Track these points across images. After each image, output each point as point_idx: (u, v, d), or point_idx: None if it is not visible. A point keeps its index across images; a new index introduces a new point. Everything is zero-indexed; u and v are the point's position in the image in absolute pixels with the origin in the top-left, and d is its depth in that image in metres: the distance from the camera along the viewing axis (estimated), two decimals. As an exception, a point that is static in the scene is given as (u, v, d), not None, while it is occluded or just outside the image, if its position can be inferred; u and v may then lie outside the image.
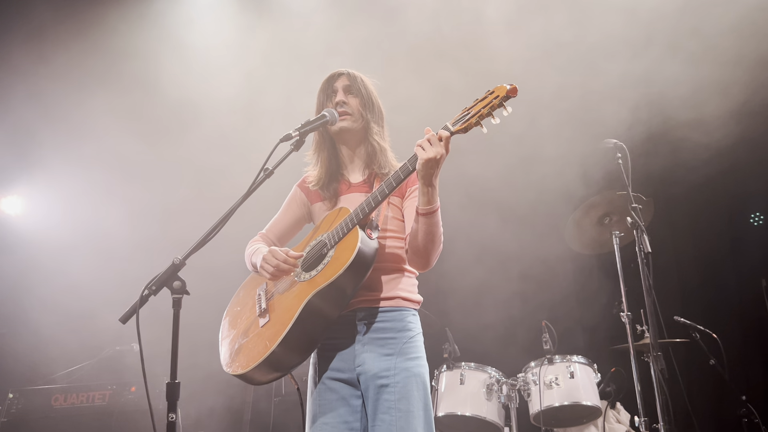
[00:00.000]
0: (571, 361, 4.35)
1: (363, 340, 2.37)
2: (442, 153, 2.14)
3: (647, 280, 4.02)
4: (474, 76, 5.00)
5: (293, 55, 5.55)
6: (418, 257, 2.34)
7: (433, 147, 2.14)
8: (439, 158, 2.14)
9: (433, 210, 2.23)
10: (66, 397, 4.52)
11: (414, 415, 2.27)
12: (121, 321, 2.09)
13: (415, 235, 2.30)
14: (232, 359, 2.38)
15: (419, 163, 2.16)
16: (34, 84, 5.55)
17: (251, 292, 2.56)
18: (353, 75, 2.59)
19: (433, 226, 2.26)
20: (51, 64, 5.51)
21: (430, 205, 2.23)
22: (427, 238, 2.27)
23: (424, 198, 2.22)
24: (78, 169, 5.53)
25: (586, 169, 5.12)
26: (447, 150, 2.15)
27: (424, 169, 2.16)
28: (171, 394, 1.99)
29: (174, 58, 5.66)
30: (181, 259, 2.10)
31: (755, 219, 5.64)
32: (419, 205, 2.24)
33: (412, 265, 2.43)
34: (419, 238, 2.28)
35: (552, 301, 5.52)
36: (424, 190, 2.20)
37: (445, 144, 2.15)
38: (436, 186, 2.21)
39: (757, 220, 5.63)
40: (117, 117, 5.49)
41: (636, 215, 4.12)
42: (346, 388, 2.37)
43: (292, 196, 2.72)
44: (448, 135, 2.15)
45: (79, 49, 5.55)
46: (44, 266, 5.25)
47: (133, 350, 4.97)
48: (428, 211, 2.23)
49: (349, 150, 2.61)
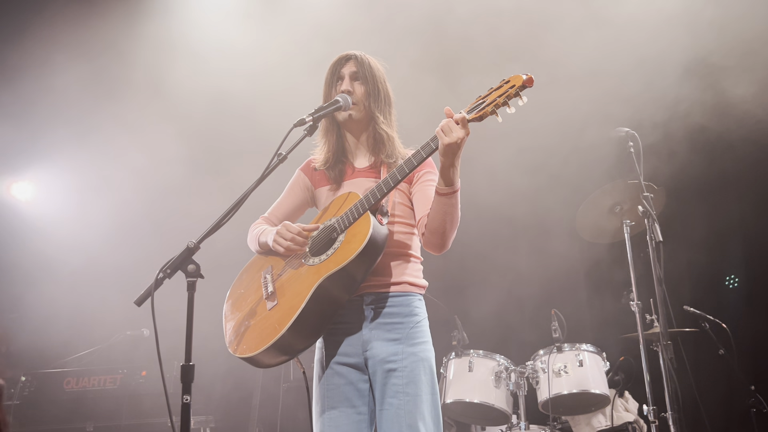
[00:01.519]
0: (580, 349, 4.36)
1: (370, 325, 2.38)
2: (463, 136, 2.15)
3: (658, 269, 4.01)
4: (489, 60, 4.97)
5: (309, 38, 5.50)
6: (435, 238, 2.35)
7: (454, 131, 2.14)
8: (460, 142, 2.15)
9: (454, 191, 2.25)
10: (78, 381, 4.57)
11: (422, 399, 2.30)
12: (136, 303, 2.11)
13: (435, 216, 2.30)
14: (239, 342, 2.38)
15: (441, 147, 2.16)
16: (47, 71, 5.56)
17: (255, 275, 2.55)
18: (361, 59, 2.56)
19: (453, 207, 2.27)
20: (64, 51, 5.51)
21: (451, 186, 2.24)
22: (446, 218, 2.29)
23: (446, 179, 2.22)
24: (89, 154, 5.55)
25: (596, 157, 5.10)
26: (467, 132, 2.16)
27: (447, 152, 2.16)
28: (186, 376, 2.00)
29: (184, 52, 5.64)
30: (195, 242, 2.11)
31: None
32: (440, 186, 2.25)
33: (428, 248, 2.43)
34: (438, 218, 2.30)
35: (562, 289, 5.51)
36: (446, 171, 2.21)
37: (463, 126, 2.15)
38: (458, 167, 2.22)
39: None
40: (128, 105, 5.49)
41: (647, 204, 4.11)
42: (354, 372, 2.39)
43: (294, 180, 2.71)
44: (465, 117, 2.15)
45: (91, 38, 5.56)
46: (56, 251, 5.28)
47: (144, 335, 5.01)
48: (449, 192, 2.24)
49: (354, 137, 2.61)
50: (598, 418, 4.58)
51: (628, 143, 4.28)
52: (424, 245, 2.45)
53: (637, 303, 4.18)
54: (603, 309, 5.51)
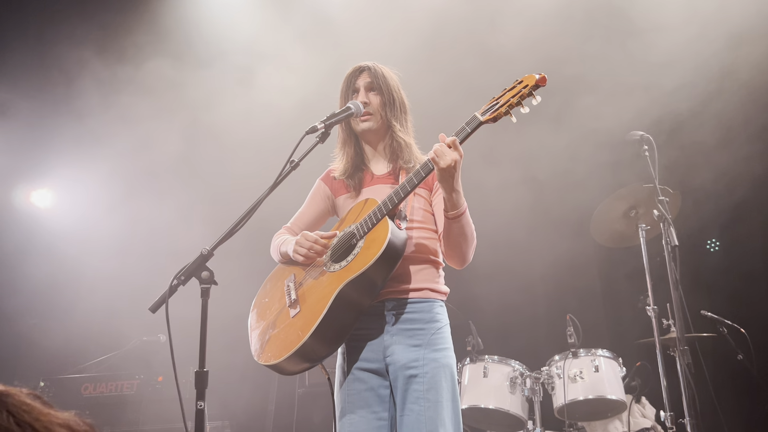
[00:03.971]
0: (595, 354, 4.33)
1: (392, 331, 2.39)
2: (457, 158, 2.15)
3: (674, 273, 3.97)
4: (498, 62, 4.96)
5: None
6: (455, 255, 2.38)
7: (447, 155, 2.14)
8: (454, 165, 2.15)
9: (460, 213, 2.26)
10: (95, 386, 4.61)
11: (442, 406, 2.30)
12: (150, 310, 2.13)
13: (448, 236, 2.33)
14: (263, 350, 2.40)
15: (438, 173, 2.18)
16: (65, 78, 5.63)
17: (279, 284, 2.58)
18: (375, 70, 2.59)
19: (465, 227, 2.29)
20: (83, 58, 5.58)
21: (457, 209, 2.25)
22: (460, 239, 2.31)
23: (449, 204, 2.24)
24: (107, 164, 5.61)
25: (611, 162, 5.07)
26: (460, 154, 2.16)
27: (443, 177, 2.17)
28: (200, 382, 2.02)
29: (203, 55, 5.70)
30: (209, 249, 2.13)
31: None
32: (446, 211, 2.26)
33: (449, 262, 2.45)
34: (452, 239, 2.32)
35: (577, 294, 5.48)
36: (448, 197, 2.22)
37: (455, 149, 2.15)
38: (460, 190, 2.23)
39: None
40: (146, 111, 5.54)
41: (663, 208, 4.08)
42: (375, 378, 2.40)
43: (315, 189, 2.75)
44: (455, 139, 2.16)
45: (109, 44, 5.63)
46: (75, 258, 5.34)
47: (161, 341, 5.05)
48: (457, 215, 2.26)
49: (372, 147, 2.64)
50: (614, 424, 4.55)
51: (643, 147, 4.25)
52: (446, 260, 2.48)
53: (653, 308, 4.15)
54: (619, 314, 5.47)
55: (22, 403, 0.97)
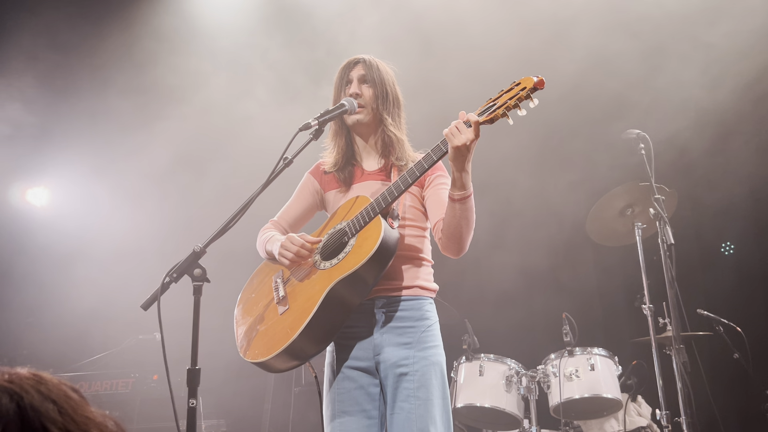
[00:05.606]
0: (591, 353, 4.32)
1: (381, 329, 2.38)
2: (473, 138, 2.12)
3: (670, 272, 3.97)
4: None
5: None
6: (453, 243, 2.34)
7: (463, 133, 2.12)
8: (469, 144, 2.12)
9: (467, 195, 2.24)
10: (90, 385, 4.60)
11: (433, 404, 2.30)
12: (142, 308, 2.13)
13: (450, 221, 2.30)
14: (250, 346, 2.38)
15: (451, 150, 2.14)
16: (60, 75, 5.62)
17: (266, 279, 2.56)
18: (370, 63, 2.56)
19: (468, 212, 2.27)
20: (77, 56, 5.57)
21: (464, 191, 2.22)
22: (462, 223, 2.28)
23: (458, 184, 2.21)
24: (104, 159, 5.60)
25: (607, 160, 5.06)
26: (477, 135, 2.13)
27: (456, 156, 2.15)
28: (192, 380, 2.02)
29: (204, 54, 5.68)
30: (201, 247, 2.13)
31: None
32: (453, 192, 2.23)
33: (445, 252, 2.42)
34: (453, 224, 2.29)
35: (573, 292, 5.48)
36: (458, 176, 2.20)
37: (474, 129, 2.12)
38: (469, 171, 2.21)
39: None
40: (142, 111, 5.53)
41: (659, 206, 4.07)
42: (365, 376, 2.39)
43: (303, 183, 2.71)
44: (477, 120, 2.13)
45: (107, 42, 5.61)
46: (68, 257, 5.33)
47: (156, 339, 5.03)
48: (463, 197, 2.23)
49: (364, 140, 2.61)
50: (610, 422, 4.54)
51: (639, 145, 4.25)
52: (441, 250, 2.44)
53: (649, 306, 4.14)
54: (615, 312, 5.46)
55: (66, 396, 0.97)
